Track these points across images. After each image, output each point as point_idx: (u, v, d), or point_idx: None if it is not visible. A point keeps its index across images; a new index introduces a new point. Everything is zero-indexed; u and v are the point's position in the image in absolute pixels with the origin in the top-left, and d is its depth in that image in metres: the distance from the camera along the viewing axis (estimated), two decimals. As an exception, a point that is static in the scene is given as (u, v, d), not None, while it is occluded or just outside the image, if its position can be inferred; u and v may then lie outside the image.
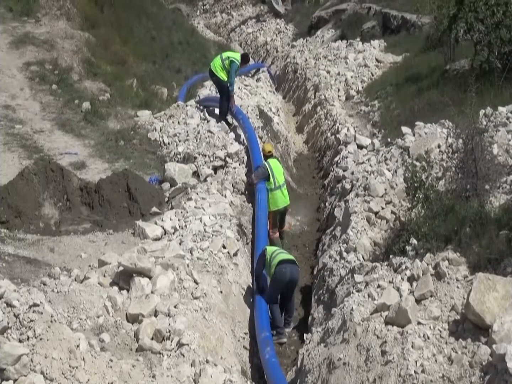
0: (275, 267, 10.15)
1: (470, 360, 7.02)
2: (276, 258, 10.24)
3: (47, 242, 9.83)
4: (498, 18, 14.57)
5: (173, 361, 6.96)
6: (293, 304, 10.79)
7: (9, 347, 5.70)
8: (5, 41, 17.84)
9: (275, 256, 10.30)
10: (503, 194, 9.18)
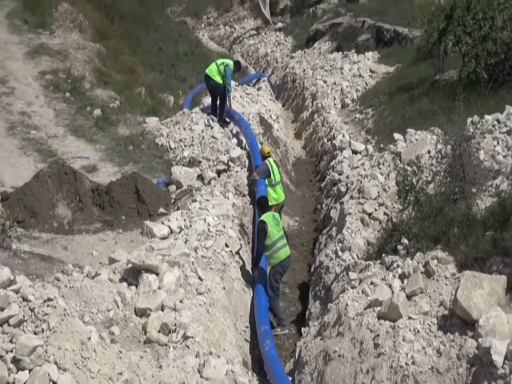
0: (279, 261, 10.27)
1: (457, 353, 7.03)
2: (279, 253, 10.27)
3: (60, 240, 9.85)
4: (484, 32, 14.59)
5: (178, 353, 6.97)
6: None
7: (25, 339, 5.71)
8: (21, 52, 17.86)
9: (279, 248, 10.30)
10: (489, 197, 9.19)
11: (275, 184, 12.45)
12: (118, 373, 6.07)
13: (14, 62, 17.25)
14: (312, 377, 8.24)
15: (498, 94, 13.28)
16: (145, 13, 26.20)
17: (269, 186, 12.35)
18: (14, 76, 16.50)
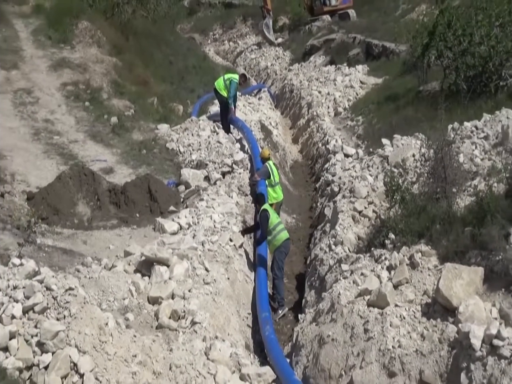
0: (281, 241, 10.51)
1: (439, 337, 7.03)
2: (281, 234, 10.55)
3: (80, 235, 9.86)
4: (464, 47, 14.60)
5: (187, 337, 6.98)
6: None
7: (48, 325, 5.73)
8: (45, 65, 17.87)
9: (280, 230, 10.57)
10: (468, 196, 9.19)
11: (275, 184, 12.48)
12: (132, 355, 6.08)
13: (39, 74, 17.27)
14: (308, 359, 8.25)
15: (476, 103, 13.28)
16: (157, 30, 26.20)
17: (269, 186, 12.38)
18: (39, 87, 16.52)
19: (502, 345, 6.37)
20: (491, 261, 7.60)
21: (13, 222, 9.15)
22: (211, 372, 6.29)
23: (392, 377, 7.06)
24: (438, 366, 6.86)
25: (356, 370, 7.36)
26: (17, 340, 5.61)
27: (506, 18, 14.68)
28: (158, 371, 6.14)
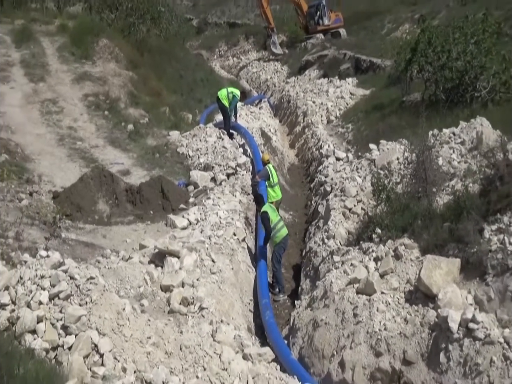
0: (281, 238, 10.59)
1: (421, 321, 7.03)
2: (282, 231, 10.62)
3: (100, 230, 9.87)
4: (442, 62, 14.61)
5: (195, 321, 6.99)
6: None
7: (72, 310, 5.73)
8: (69, 78, 17.89)
9: (280, 228, 10.63)
10: (446, 195, 9.20)
11: (274, 185, 12.53)
12: (147, 337, 6.08)
13: (63, 87, 17.28)
14: (303, 340, 8.26)
15: (454, 112, 13.29)
16: (169, 47, 26.25)
17: (269, 186, 12.45)
18: (63, 98, 16.54)
19: (476, 328, 6.38)
20: (467, 253, 7.60)
21: (41, 218, 9.17)
22: (217, 352, 6.29)
23: (378, 356, 7.07)
24: (419, 347, 6.87)
25: (347, 350, 7.37)
26: (44, 324, 5.62)
27: (480, 36, 14.68)
28: (170, 351, 6.14)
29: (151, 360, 5.79)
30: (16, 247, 7.70)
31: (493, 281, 7.26)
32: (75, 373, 5.18)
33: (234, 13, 66.32)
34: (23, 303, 5.78)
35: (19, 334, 5.45)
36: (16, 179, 10.56)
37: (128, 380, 5.10)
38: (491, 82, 13.45)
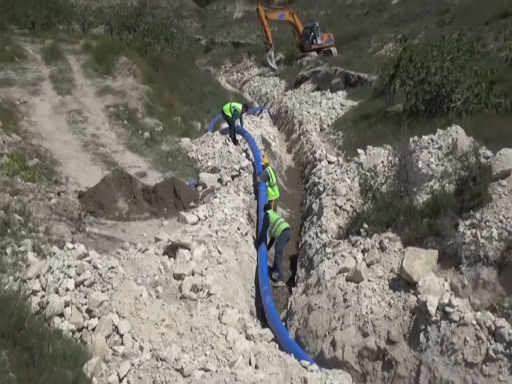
0: (281, 231, 10.62)
1: (403, 305, 7.03)
2: (280, 226, 10.68)
3: (120, 225, 9.88)
4: (422, 76, 14.61)
5: (204, 305, 6.99)
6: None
7: (95, 295, 5.74)
8: (92, 91, 17.91)
9: (279, 224, 10.72)
10: (425, 194, 9.19)
11: (273, 185, 12.58)
12: (161, 320, 6.09)
13: (87, 99, 17.30)
14: (299, 322, 8.26)
15: (432, 121, 13.28)
16: (180, 64, 26.26)
17: (269, 186, 12.52)
18: (87, 108, 16.56)
19: (452, 311, 6.39)
20: (444, 245, 7.62)
21: (67, 215, 9.18)
22: (223, 333, 6.30)
23: (365, 336, 7.07)
24: (402, 328, 6.87)
25: (337, 331, 7.38)
26: (71, 308, 5.63)
27: (455, 54, 14.68)
28: (181, 332, 6.15)
29: (165, 340, 5.80)
30: (46, 240, 7.71)
31: (466, 270, 7.27)
32: (98, 351, 5.19)
33: (238, 34, 66.45)
34: (52, 290, 5.80)
35: (48, 317, 5.47)
36: (46, 180, 10.57)
37: (144, 357, 5.11)
38: (465, 95, 13.45)
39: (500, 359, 5.84)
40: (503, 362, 5.81)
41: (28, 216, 8.15)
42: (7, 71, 18.00)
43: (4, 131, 12.20)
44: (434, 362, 6.31)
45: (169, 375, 4.78)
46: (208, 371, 4.76)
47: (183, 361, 4.96)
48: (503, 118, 11.45)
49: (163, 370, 4.85)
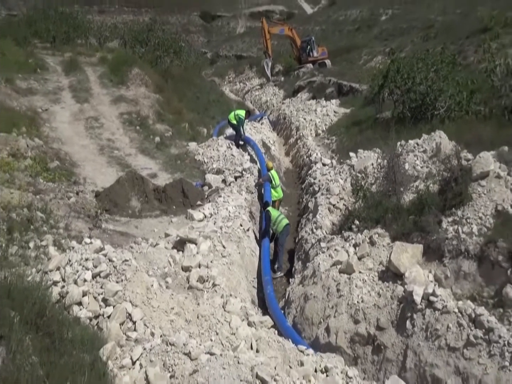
0: (283, 227, 10.74)
1: (391, 295, 7.03)
2: (282, 222, 10.80)
3: (133, 222, 9.89)
4: (408, 86, 14.60)
5: (210, 295, 6.99)
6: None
7: (110, 286, 5.74)
8: (108, 100, 17.93)
9: (280, 220, 10.83)
10: (411, 193, 9.18)
11: (276, 186, 12.61)
12: (170, 308, 6.09)
13: (103, 107, 17.32)
14: (296, 310, 8.27)
15: (417, 127, 13.26)
16: (188, 75, 26.27)
17: (272, 188, 12.55)
18: (103, 115, 16.57)
19: (436, 300, 6.39)
20: (428, 240, 7.61)
21: (85, 213, 9.19)
22: (227, 320, 6.30)
23: (357, 323, 7.07)
24: (390, 316, 6.87)
25: (331, 318, 7.37)
26: (88, 297, 5.63)
27: (439, 66, 14.68)
28: (189, 319, 6.15)
29: (174, 327, 5.80)
30: (65, 236, 7.72)
31: (449, 262, 7.27)
32: (113, 337, 5.19)
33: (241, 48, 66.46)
34: (71, 281, 5.80)
35: (68, 305, 5.47)
36: (65, 181, 10.58)
37: (155, 342, 5.11)
38: (448, 103, 13.44)
39: (479, 344, 5.84)
40: (482, 347, 5.81)
41: (49, 213, 8.16)
42: (31, 82, 18.02)
43: (28, 136, 12.21)
44: (419, 346, 6.32)
45: (177, 358, 4.78)
46: (214, 355, 4.76)
47: (191, 345, 4.96)
48: (482, 124, 11.43)
49: (172, 354, 4.85)
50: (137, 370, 4.71)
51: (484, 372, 5.67)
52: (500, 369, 5.60)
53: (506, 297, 6.46)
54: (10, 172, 9.38)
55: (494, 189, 7.76)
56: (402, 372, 6.38)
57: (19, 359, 3.73)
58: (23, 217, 7.56)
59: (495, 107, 12.07)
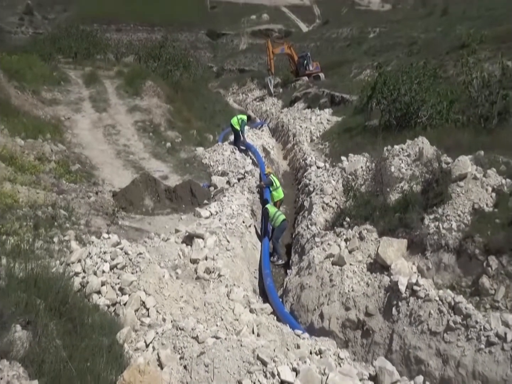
0: (280, 222, 10.75)
1: (378, 284, 7.03)
2: (279, 217, 10.81)
3: (146, 219, 9.88)
4: (394, 97, 14.58)
5: (215, 285, 6.99)
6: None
7: (126, 276, 5.75)
8: (124, 109, 17.94)
9: (278, 216, 10.84)
10: (396, 193, 9.18)
11: (276, 188, 12.54)
12: (180, 296, 6.09)
13: (120, 115, 17.33)
14: (293, 298, 8.26)
15: (402, 133, 13.25)
16: (196, 87, 26.27)
17: (273, 190, 12.50)
18: (120, 123, 16.58)
19: (419, 289, 6.38)
20: (412, 235, 7.61)
21: (104, 210, 9.19)
22: (231, 307, 6.30)
23: (347, 310, 7.07)
24: (377, 303, 6.86)
25: (325, 306, 7.37)
26: (106, 287, 5.64)
27: (422, 78, 14.68)
28: (197, 306, 6.15)
29: (183, 313, 5.80)
30: (86, 231, 7.72)
31: (431, 255, 7.26)
32: (128, 322, 5.20)
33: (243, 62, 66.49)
34: (91, 272, 5.81)
35: (88, 294, 5.48)
36: (86, 182, 10.60)
37: (166, 327, 5.11)
38: (429, 112, 13.43)
39: (458, 329, 5.83)
40: (461, 331, 5.81)
41: (71, 211, 8.18)
42: (55, 93, 18.06)
43: (52, 141, 12.24)
44: (404, 331, 6.31)
45: (186, 341, 4.78)
46: (219, 339, 4.76)
47: (198, 330, 4.96)
48: (461, 131, 11.43)
49: (181, 337, 4.85)
50: (150, 352, 4.71)
51: (462, 354, 5.67)
52: (477, 351, 5.60)
53: (482, 286, 6.47)
54: (36, 174, 9.40)
55: (471, 190, 7.76)
56: (388, 354, 6.38)
57: (44, 342, 3.73)
58: (48, 215, 7.57)
59: (472, 116, 12.08)
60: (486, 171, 8.06)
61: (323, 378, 4.43)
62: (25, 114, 13.71)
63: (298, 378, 4.31)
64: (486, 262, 6.59)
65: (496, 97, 11.59)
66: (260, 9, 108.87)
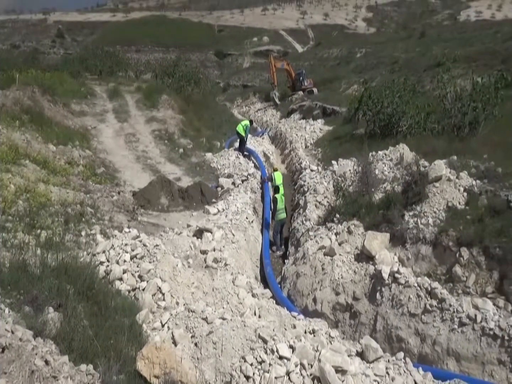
0: (281, 218, 10.78)
1: (364, 272, 7.02)
2: (280, 215, 10.79)
3: (162, 215, 9.89)
4: (378, 109, 14.57)
5: (222, 272, 6.98)
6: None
7: (145, 265, 5.79)
8: (142, 120, 17.95)
9: (281, 212, 10.80)
10: (380, 193, 9.16)
11: (275, 185, 12.43)
12: (191, 283, 6.10)
13: (139, 125, 17.33)
14: (290, 285, 8.25)
15: (385, 141, 13.23)
16: (205, 100, 26.27)
17: (272, 186, 12.46)
18: (139, 132, 16.58)
19: (400, 277, 6.37)
20: (394, 230, 7.59)
21: (125, 208, 9.21)
22: (235, 292, 6.30)
23: (337, 295, 7.06)
24: (364, 289, 6.85)
25: (317, 291, 7.36)
26: (127, 274, 5.64)
27: (402, 92, 14.67)
28: (206, 291, 6.15)
29: (194, 297, 5.81)
30: (109, 226, 7.74)
31: (410, 247, 7.25)
32: (146, 305, 5.20)
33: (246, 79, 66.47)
34: (114, 261, 5.81)
35: (111, 280, 5.48)
36: (109, 183, 10.61)
37: (179, 309, 5.12)
38: (409, 122, 13.41)
39: (434, 311, 5.83)
40: (436, 313, 5.80)
41: (97, 208, 8.19)
42: (83, 106, 18.08)
43: (80, 148, 12.27)
44: (387, 313, 6.30)
45: (197, 322, 4.78)
46: (225, 320, 4.76)
47: (207, 312, 4.96)
48: (436, 138, 11.42)
49: (193, 318, 4.85)
50: (165, 331, 4.71)
51: (438, 333, 5.66)
52: (450, 331, 5.59)
53: (455, 274, 6.45)
54: (66, 176, 9.42)
55: (446, 190, 7.74)
56: (373, 333, 6.38)
57: (73, 322, 3.74)
58: (76, 212, 7.59)
59: (446, 125, 12.07)
60: (458, 174, 8.05)
61: (316, 354, 4.43)
62: (57, 124, 13.74)
63: (294, 354, 4.31)
64: (458, 253, 6.58)
65: (467, 109, 11.58)
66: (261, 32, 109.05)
